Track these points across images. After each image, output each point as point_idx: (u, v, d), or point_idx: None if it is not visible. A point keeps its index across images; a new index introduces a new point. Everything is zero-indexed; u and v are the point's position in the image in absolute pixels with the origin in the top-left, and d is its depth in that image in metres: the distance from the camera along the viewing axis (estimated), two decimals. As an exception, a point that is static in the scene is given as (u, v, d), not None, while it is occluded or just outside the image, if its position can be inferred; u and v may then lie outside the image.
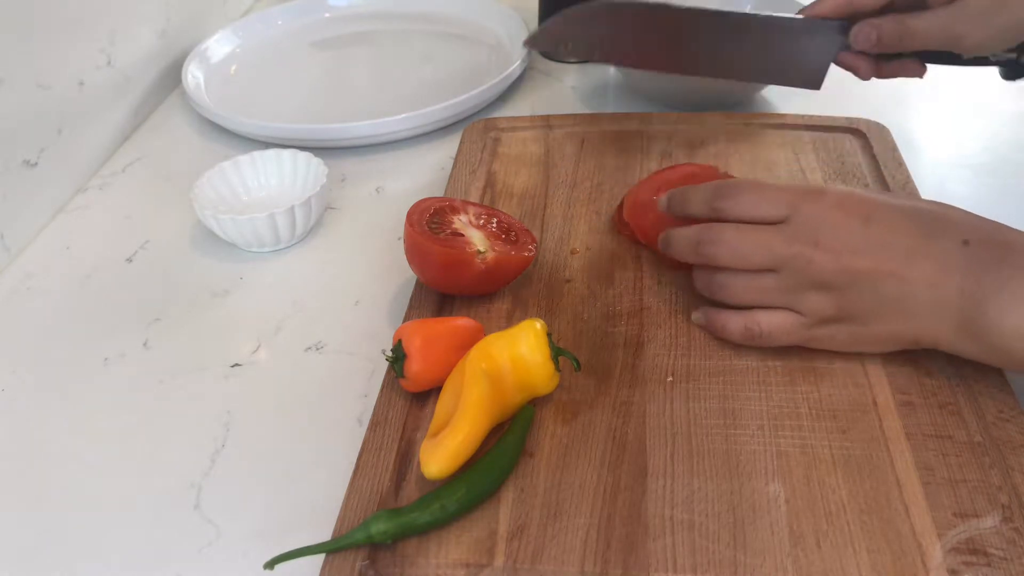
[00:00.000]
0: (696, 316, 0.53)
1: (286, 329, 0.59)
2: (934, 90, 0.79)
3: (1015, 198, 0.66)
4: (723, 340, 0.52)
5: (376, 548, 0.42)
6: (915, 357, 0.50)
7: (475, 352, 0.47)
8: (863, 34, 0.58)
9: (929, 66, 0.60)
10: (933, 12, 0.55)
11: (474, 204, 0.59)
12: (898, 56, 0.59)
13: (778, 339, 0.49)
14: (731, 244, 0.48)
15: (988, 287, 0.43)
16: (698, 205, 0.51)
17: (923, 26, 0.55)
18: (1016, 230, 0.45)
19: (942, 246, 0.45)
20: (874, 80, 0.61)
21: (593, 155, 0.71)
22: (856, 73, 0.61)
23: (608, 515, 0.43)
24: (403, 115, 0.75)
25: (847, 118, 0.72)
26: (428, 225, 0.55)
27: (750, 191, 0.49)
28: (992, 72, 0.61)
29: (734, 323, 0.50)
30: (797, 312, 0.48)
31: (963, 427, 0.46)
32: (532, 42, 0.68)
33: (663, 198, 0.55)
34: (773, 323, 0.49)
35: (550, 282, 0.58)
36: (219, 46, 0.92)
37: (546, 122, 0.75)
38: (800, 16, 0.61)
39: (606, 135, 0.73)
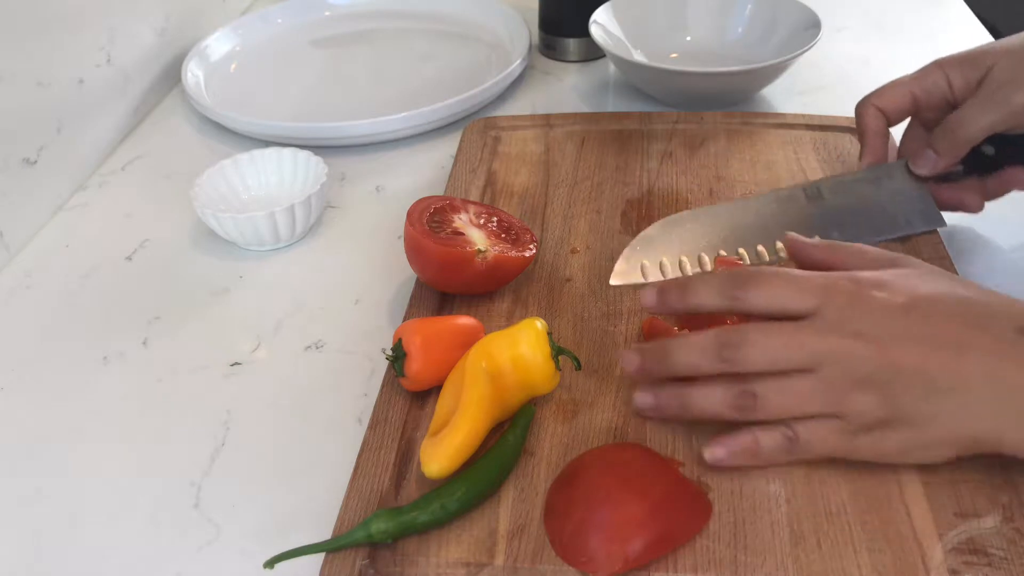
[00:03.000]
0: (714, 453, 0.44)
1: (286, 328, 0.59)
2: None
3: (1015, 198, 0.66)
4: (747, 467, 0.44)
5: (376, 547, 0.42)
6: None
7: (475, 351, 0.47)
8: (921, 158, 0.58)
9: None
10: (970, 101, 0.55)
11: (474, 203, 0.59)
12: (995, 167, 0.58)
13: (818, 450, 0.43)
14: (762, 343, 0.41)
15: None
16: (709, 295, 0.44)
17: (969, 115, 0.55)
18: None
19: (995, 335, 0.40)
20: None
21: (593, 154, 0.71)
22: (967, 209, 0.60)
23: (608, 515, 0.43)
24: (403, 114, 0.75)
25: (847, 117, 0.72)
26: (428, 224, 0.55)
27: (773, 278, 0.42)
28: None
29: (770, 437, 0.43)
30: (839, 417, 0.42)
31: (964, 427, 0.46)
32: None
33: (651, 293, 0.46)
34: (814, 432, 0.42)
35: (550, 281, 0.58)
36: (219, 44, 0.91)
37: (546, 121, 0.75)
38: (864, 171, 0.61)
39: (606, 134, 0.73)
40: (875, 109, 0.60)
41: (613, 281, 0.57)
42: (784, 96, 0.80)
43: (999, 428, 0.40)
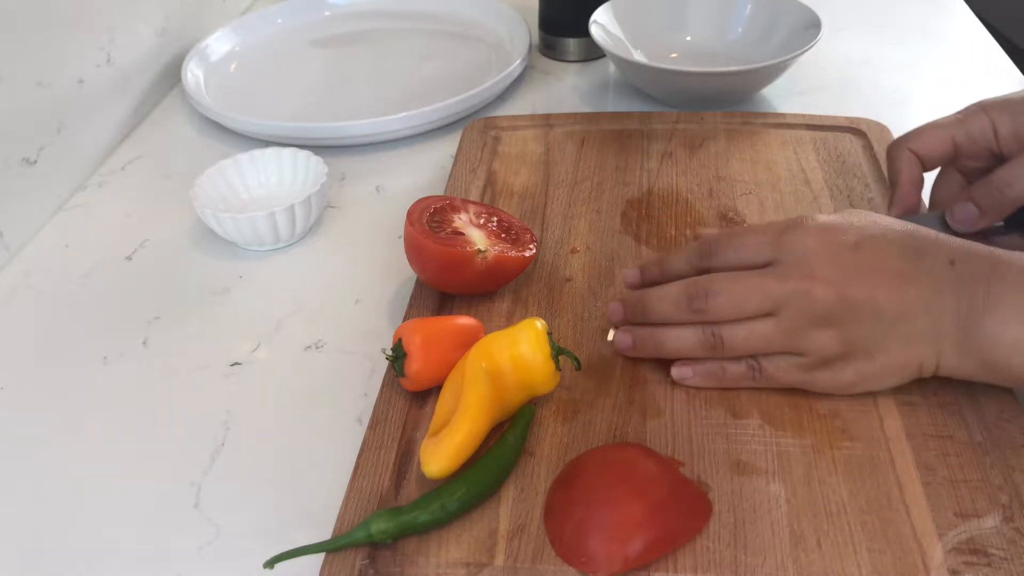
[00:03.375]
0: (681, 372, 0.49)
1: (286, 328, 0.59)
2: (934, 90, 0.79)
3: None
4: (716, 389, 0.49)
5: (376, 547, 0.42)
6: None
7: (475, 351, 0.47)
8: (961, 213, 0.52)
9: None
10: (1021, 158, 0.50)
11: (474, 203, 0.59)
12: None
13: (779, 380, 0.47)
14: (728, 292, 0.45)
15: (981, 304, 0.43)
16: (680, 263, 0.49)
17: (1020, 174, 0.50)
18: (993, 248, 0.44)
19: (929, 267, 0.44)
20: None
21: (593, 154, 0.71)
22: None
23: (608, 515, 0.43)
24: (403, 114, 0.75)
25: (848, 117, 0.72)
26: (428, 224, 0.55)
27: (730, 239, 0.47)
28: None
29: (735, 366, 0.48)
30: (800, 354, 0.46)
31: (964, 427, 0.46)
32: None
33: (634, 272, 0.52)
34: (776, 367, 0.47)
35: (550, 281, 0.58)
36: (219, 44, 0.91)
37: (546, 121, 0.75)
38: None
39: (606, 134, 0.73)
40: (910, 155, 0.54)
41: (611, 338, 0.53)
42: (784, 96, 0.80)
43: (937, 353, 0.44)
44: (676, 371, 0.48)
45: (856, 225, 0.46)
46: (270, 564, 0.41)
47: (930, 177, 0.57)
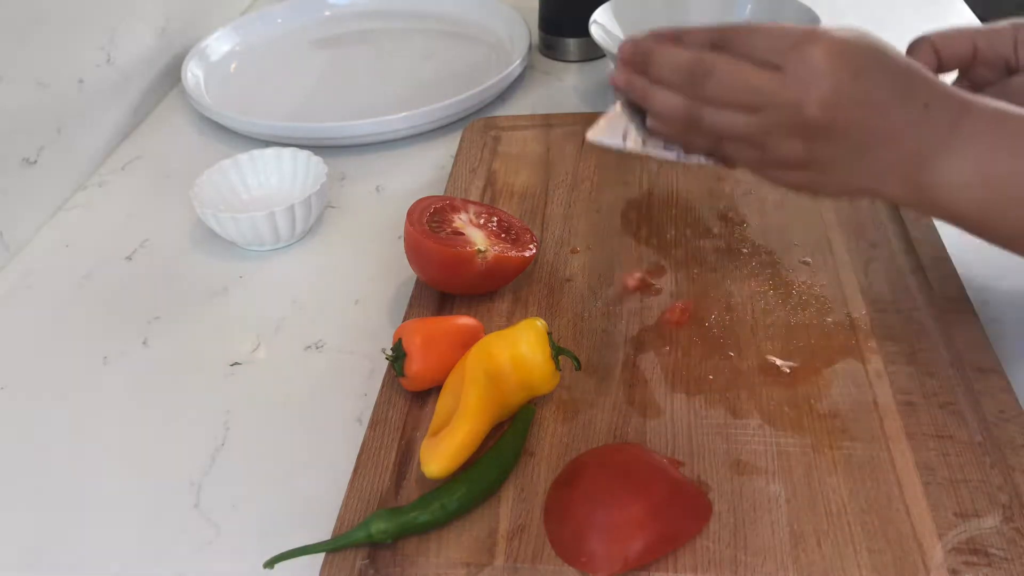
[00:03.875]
0: (653, 123, 0.51)
1: (286, 328, 0.59)
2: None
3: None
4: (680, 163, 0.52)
5: (376, 547, 0.42)
6: (915, 357, 0.50)
7: (475, 351, 0.47)
8: None
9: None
10: None
11: (474, 203, 0.59)
12: None
13: (732, 162, 0.50)
14: (727, 79, 0.47)
15: (939, 147, 0.44)
16: (701, 39, 0.49)
17: None
18: (970, 96, 0.45)
19: (907, 106, 0.45)
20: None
21: (593, 154, 0.71)
22: None
23: (608, 515, 0.43)
24: (403, 114, 0.75)
25: (848, 117, 0.72)
26: (428, 224, 0.55)
27: (750, 35, 0.47)
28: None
29: (703, 139, 0.49)
30: (761, 149, 0.47)
31: (964, 427, 0.46)
32: None
33: (627, 43, 0.52)
34: (737, 151, 0.49)
35: (550, 281, 0.58)
36: (219, 44, 0.91)
37: (546, 121, 0.75)
38: None
39: (606, 134, 0.73)
40: (931, 48, 0.55)
41: (590, 135, 0.53)
42: (784, 96, 0.80)
43: (884, 183, 0.46)
44: (650, 121, 0.51)
45: (864, 51, 0.46)
46: (270, 564, 0.41)
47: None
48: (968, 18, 0.93)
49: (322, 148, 0.73)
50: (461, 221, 0.57)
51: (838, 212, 0.62)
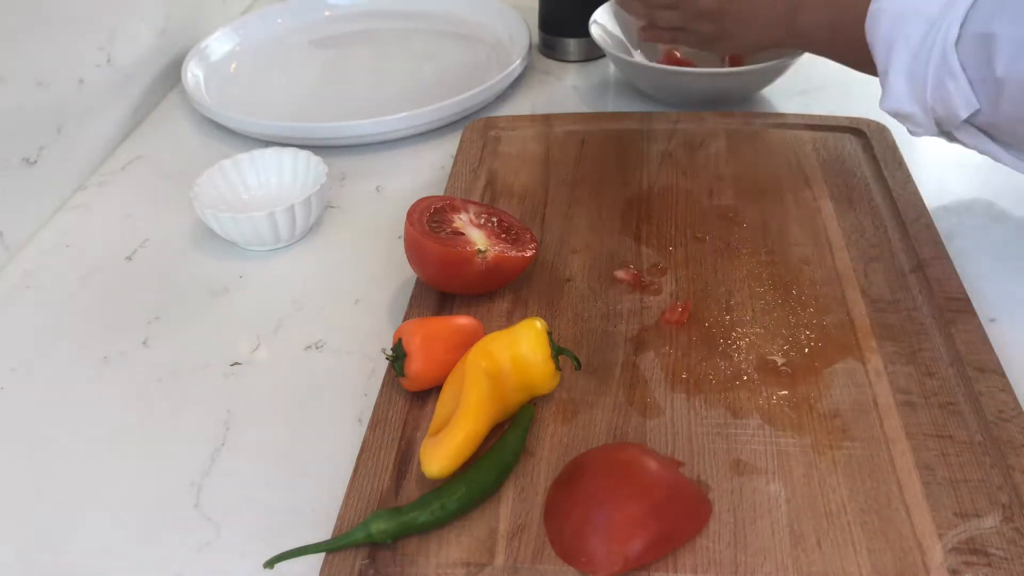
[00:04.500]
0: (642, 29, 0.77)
1: (286, 328, 0.59)
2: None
3: (1014, 197, 0.66)
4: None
5: (376, 547, 0.42)
6: (915, 357, 0.50)
7: (475, 351, 0.47)
8: None
9: None
10: None
11: (474, 203, 0.59)
12: None
13: (679, 40, 0.74)
14: None
15: (797, 5, 0.65)
16: None
17: None
18: None
19: None
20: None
21: (593, 154, 0.71)
22: None
23: (608, 514, 0.43)
24: (403, 114, 0.75)
25: (848, 117, 0.72)
26: (428, 224, 0.55)
27: None
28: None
29: (665, 33, 0.75)
30: (685, 30, 0.72)
31: (964, 427, 0.46)
32: None
33: None
34: (680, 32, 0.73)
35: (550, 281, 0.58)
36: (219, 44, 0.91)
37: (547, 121, 0.75)
38: None
39: (606, 134, 0.73)
40: None
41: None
42: (784, 96, 0.80)
43: (769, 36, 0.68)
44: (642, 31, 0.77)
45: None
46: (270, 564, 0.41)
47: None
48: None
49: (322, 148, 0.73)
50: (461, 221, 0.57)
51: (838, 212, 0.62)
